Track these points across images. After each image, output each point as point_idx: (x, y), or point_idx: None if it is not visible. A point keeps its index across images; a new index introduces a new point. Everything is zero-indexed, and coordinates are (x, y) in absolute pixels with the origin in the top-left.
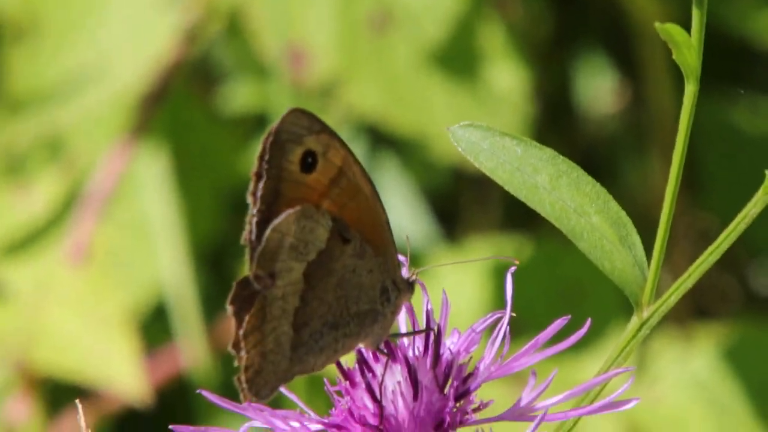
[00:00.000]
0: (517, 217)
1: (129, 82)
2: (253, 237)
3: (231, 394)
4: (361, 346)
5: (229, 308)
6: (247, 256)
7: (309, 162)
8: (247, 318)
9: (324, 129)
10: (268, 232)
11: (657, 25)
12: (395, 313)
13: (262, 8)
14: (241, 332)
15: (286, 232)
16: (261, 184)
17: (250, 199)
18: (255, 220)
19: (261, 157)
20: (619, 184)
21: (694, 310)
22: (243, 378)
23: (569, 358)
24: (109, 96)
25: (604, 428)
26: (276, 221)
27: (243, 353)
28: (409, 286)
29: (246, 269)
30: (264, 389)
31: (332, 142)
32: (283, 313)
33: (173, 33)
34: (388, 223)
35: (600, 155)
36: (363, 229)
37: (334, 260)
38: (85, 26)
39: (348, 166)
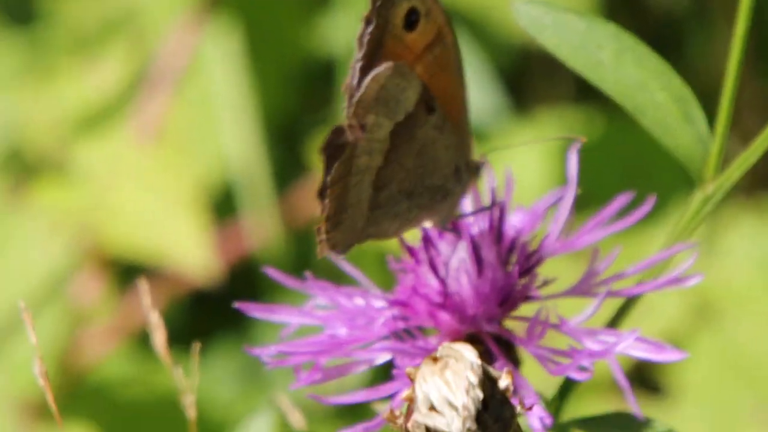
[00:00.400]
0: (589, 90)
1: None
2: (354, 82)
3: (303, 271)
4: (428, 223)
5: (321, 154)
6: (345, 103)
7: (412, 20)
8: (335, 165)
9: None
10: (368, 79)
11: None
12: (463, 193)
13: None
14: (328, 179)
15: (384, 83)
16: (368, 30)
17: (356, 44)
18: (359, 65)
19: (374, 2)
20: (687, 58)
21: (765, 183)
22: (323, 228)
23: (636, 234)
24: None
25: (673, 303)
26: (377, 70)
27: (326, 201)
28: (479, 170)
29: (342, 118)
30: (340, 244)
31: (435, 6)
32: (367, 168)
33: None
34: (467, 103)
35: (669, 29)
36: (446, 103)
37: (418, 127)
38: None
39: (444, 33)
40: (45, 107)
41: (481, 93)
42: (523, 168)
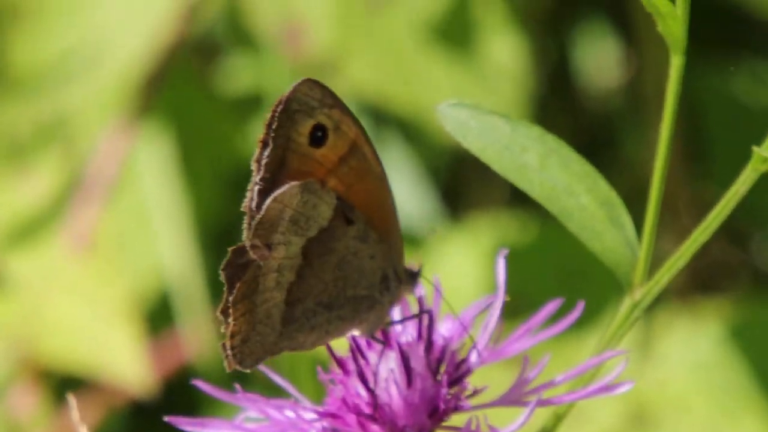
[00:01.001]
0: (523, 194)
1: (129, 61)
2: (254, 205)
3: (239, 381)
4: (354, 332)
5: (222, 274)
6: (245, 224)
7: (319, 136)
8: (238, 285)
9: (337, 104)
10: (268, 201)
11: None
12: (393, 303)
13: None
14: (230, 299)
15: (288, 204)
16: (266, 152)
17: (254, 167)
18: (257, 188)
19: (269, 125)
20: (621, 157)
21: (700, 285)
22: (228, 344)
23: (570, 340)
24: (110, 76)
25: (608, 410)
26: (278, 191)
27: (230, 320)
28: (412, 277)
29: (244, 238)
30: (248, 359)
31: (344, 118)
32: (278, 285)
33: (172, 11)
34: (395, 209)
35: (603, 127)
36: (369, 212)
37: (335, 240)
38: (84, 5)
39: (359, 145)
40: None
41: (414, 198)
42: (456, 274)
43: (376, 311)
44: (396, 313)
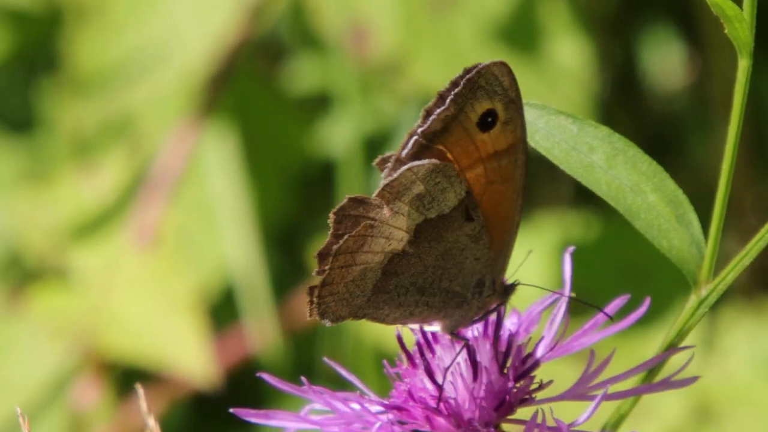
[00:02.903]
0: (588, 192)
1: (194, 61)
2: (404, 152)
3: (302, 374)
4: (435, 324)
5: (331, 217)
6: (383, 173)
7: (488, 121)
8: (346, 237)
9: (517, 100)
10: (403, 169)
11: None
12: (481, 309)
13: None
14: (334, 247)
15: (421, 178)
16: (438, 111)
17: (421, 114)
18: (414, 137)
19: (453, 84)
20: (687, 159)
21: (764, 282)
22: (316, 291)
23: (635, 336)
24: (175, 76)
25: (673, 405)
26: (416, 162)
27: (326, 267)
28: (505, 291)
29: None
30: (331, 314)
31: (517, 117)
32: (382, 251)
33: (238, 11)
34: (517, 225)
35: (668, 130)
36: (493, 216)
37: (449, 230)
38: (149, 6)
39: (517, 148)
40: (43, 213)
41: None
42: (521, 270)
43: (463, 310)
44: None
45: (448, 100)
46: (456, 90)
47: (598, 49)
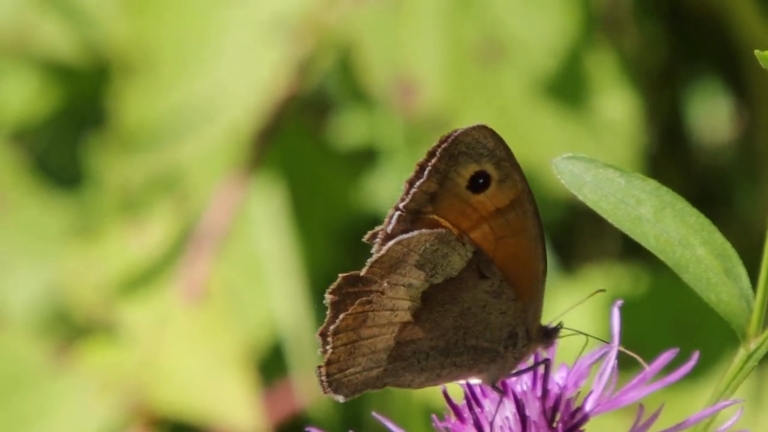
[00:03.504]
0: (635, 246)
1: (242, 116)
2: (389, 229)
3: (351, 429)
4: (471, 380)
5: (328, 297)
6: (374, 248)
7: (480, 183)
8: (342, 316)
9: (508, 157)
10: (392, 243)
11: (756, 52)
12: (519, 359)
13: (372, 40)
14: (332, 327)
15: (414, 249)
16: (419, 182)
17: (403, 187)
18: (397, 214)
19: (430, 155)
20: (734, 212)
21: None
22: (323, 371)
23: (684, 390)
24: (222, 131)
25: None
26: (404, 236)
27: (329, 347)
28: (546, 335)
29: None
30: (345, 388)
31: (513, 173)
32: (389, 324)
33: (285, 67)
34: (543, 272)
35: (715, 183)
36: (512, 269)
37: (463, 290)
38: (197, 61)
39: (521, 202)
40: (91, 268)
41: None
42: (569, 325)
43: (498, 364)
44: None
45: (426, 172)
46: (433, 161)
47: (646, 103)
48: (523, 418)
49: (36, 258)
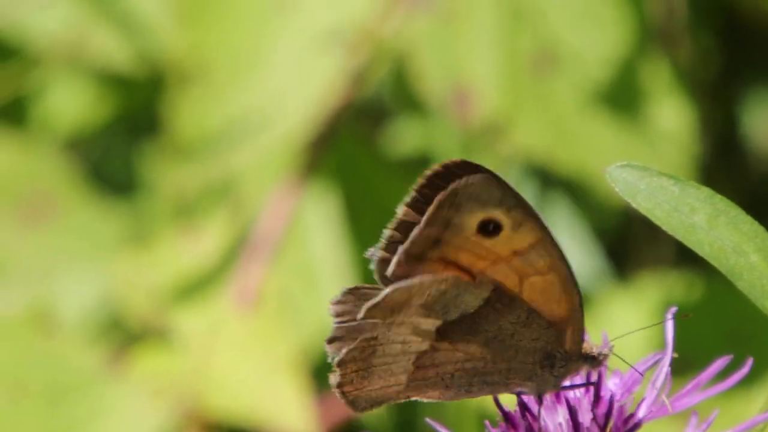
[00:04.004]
0: (689, 253)
1: (296, 124)
2: (389, 271)
3: None
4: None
5: (328, 348)
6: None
7: (490, 229)
8: (345, 350)
9: (519, 204)
10: (389, 290)
11: None
12: (561, 378)
13: (428, 50)
14: (336, 359)
15: (416, 294)
16: (418, 230)
17: (396, 222)
18: (399, 257)
19: (421, 195)
20: None
21: None
22: (337, 391)
23: (737, 397)
24: (277, 139)
25: None
26: (403, 283)
27: (338, 373)
28: (587, 359)
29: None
30: (363, 403)
31: (529, 218)
32: (404, 353)
33: (340, 76)
34: (577, 301)
35: None
36: (543, 301)
37: (485, 323)
38: (251, 70)
39: (541, 246)
40: (145, 275)
41: (581, 257)
42: (622, 331)
43: (535, 382)
44: None
45: (423, 221)
46: (432, 211)
47: (700, 112)
48: (575, 425)
49: (90, 264)
